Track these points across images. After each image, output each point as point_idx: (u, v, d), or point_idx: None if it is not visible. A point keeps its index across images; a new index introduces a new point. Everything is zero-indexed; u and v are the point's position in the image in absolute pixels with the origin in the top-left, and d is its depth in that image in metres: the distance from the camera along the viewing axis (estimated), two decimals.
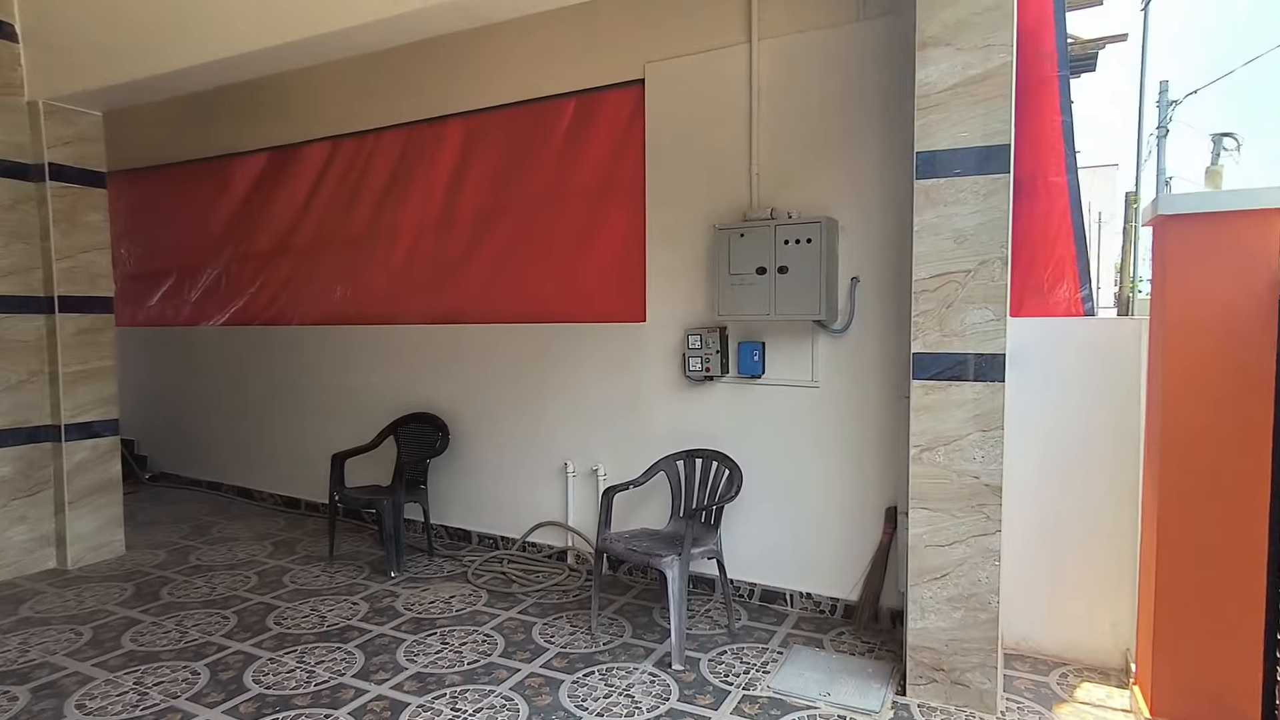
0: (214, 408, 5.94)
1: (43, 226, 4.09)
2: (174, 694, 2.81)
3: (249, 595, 3.82)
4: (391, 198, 4.78)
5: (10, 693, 2.83)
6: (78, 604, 3.72)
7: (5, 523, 4.03)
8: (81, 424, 4.23)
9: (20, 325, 4.04)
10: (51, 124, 4.05)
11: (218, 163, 5.70)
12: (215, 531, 4.98)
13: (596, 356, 4.08)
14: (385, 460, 4.66)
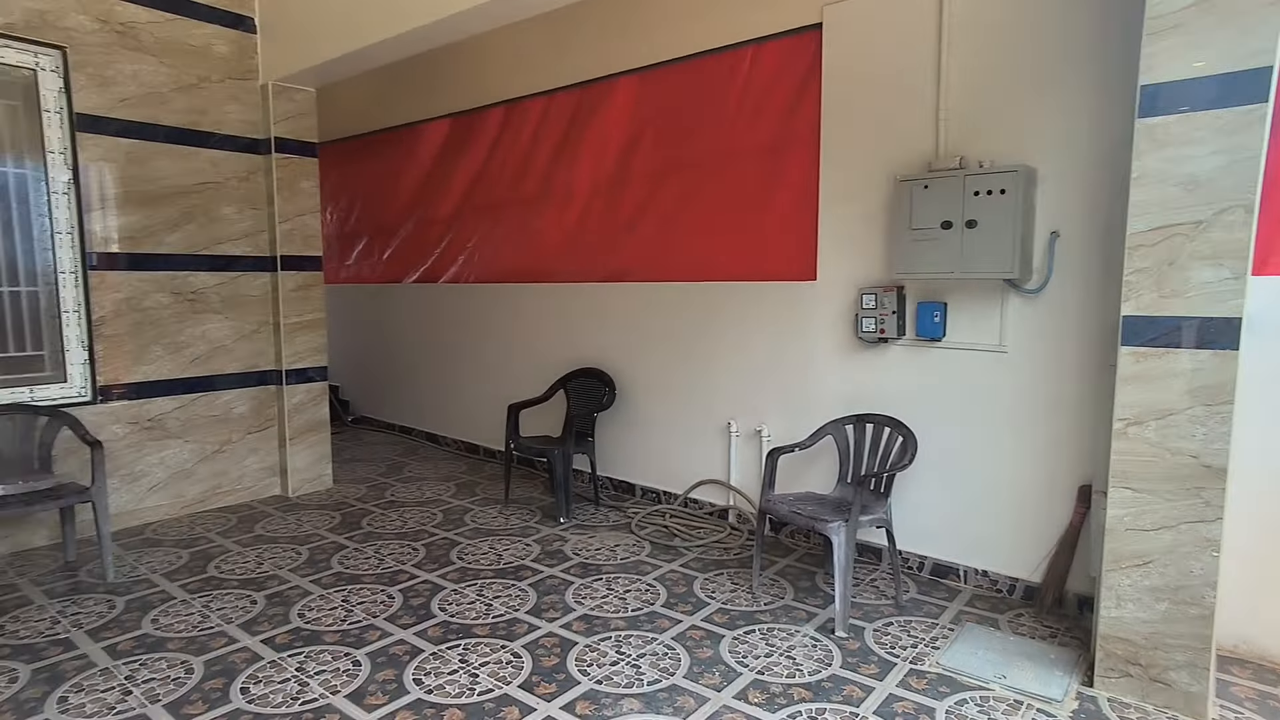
0: (405, 358, 6.49)
1: (269, 194, 4.60)
2: (374, 613, 3.13)
3: (435, 530, 4.17)
4: (564, 158, 4.91)
5: (251, 598, 3.29)
6: (297, 527, 4.24)
7: (243, 453, 4.65)
8: (298, 370, 4.77)
9: (253, 282, 4.60)
10: (277, 102, 4.52)
11: (405, 131, 6.14)
12: (406, 471, 5.47)
13: (764, 316, 4.01)
14: (556, 412, 4.89)
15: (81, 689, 2.55)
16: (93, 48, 3.90)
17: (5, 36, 3.64)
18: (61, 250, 3.88)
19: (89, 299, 3.98)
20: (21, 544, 3.86)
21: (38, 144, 3.79)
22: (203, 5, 4.26)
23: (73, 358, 3.96)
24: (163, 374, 4.28)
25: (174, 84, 4.19)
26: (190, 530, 4.17)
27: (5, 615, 3.12)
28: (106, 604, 3.22)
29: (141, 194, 4.12)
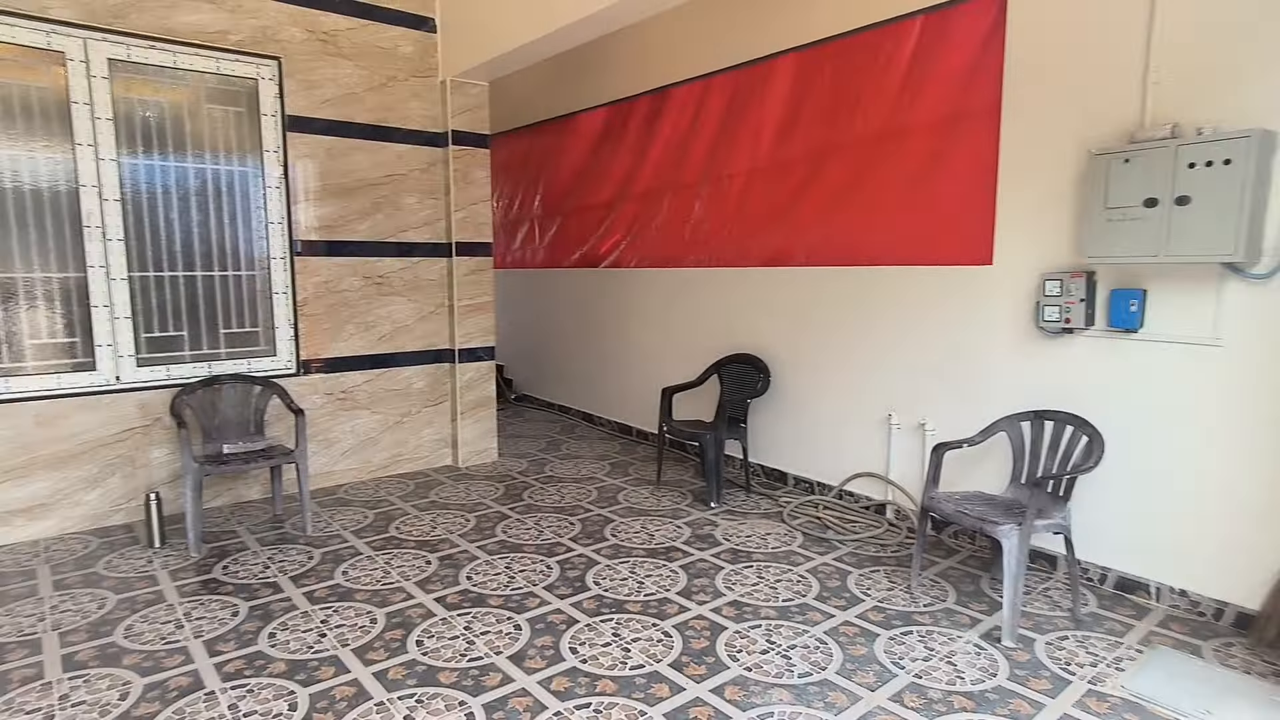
0: (563, 340, 6.75)
1: (446, 184, 4.93)
2: (533, 581, 3.30)
3: (590, 507, 4.32)
4: (722, 142, 4.88)
5: (426, 558, 3.58)
6: (466, 495, 4.55)
7: (420, 425, 5.05)
8: (469, 349, 5.09)
9: (431, 266, 4.96)
10: (454, 97, 4.81)
11: (565, 120, 6.34)
12: (564, 449, 5.70)
13: (931, 302, 3.79)
14: (709, 397, 4.90)
15: (286, 628, 2.88)
16: (301, 56, 4.33)
17: (236, 52, 4.12)
18: (273, 238, 4.37)
19: (295, 282, 4.45)
20: (240, 496, 4.42)
21: (257, 144, 4.28)
22: (391, 10, 4.60)
23: (281, 334, 4.46)
24: (354, 350, 4.72)
25: (366, 84, 4.57)
26: (375, 493, 4.59)
27: (229, 557, 3.58)
28: (306, 554, 3.62)
29: (338, 186, 4.55)
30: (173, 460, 4.13)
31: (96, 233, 3.83)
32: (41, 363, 3.78)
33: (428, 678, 2.52)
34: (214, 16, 4.04)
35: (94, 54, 3.75)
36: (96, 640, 2.79)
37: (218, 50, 4.08)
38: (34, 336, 3.75)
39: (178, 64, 3.99)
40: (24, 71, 3.63)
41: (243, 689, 2.46)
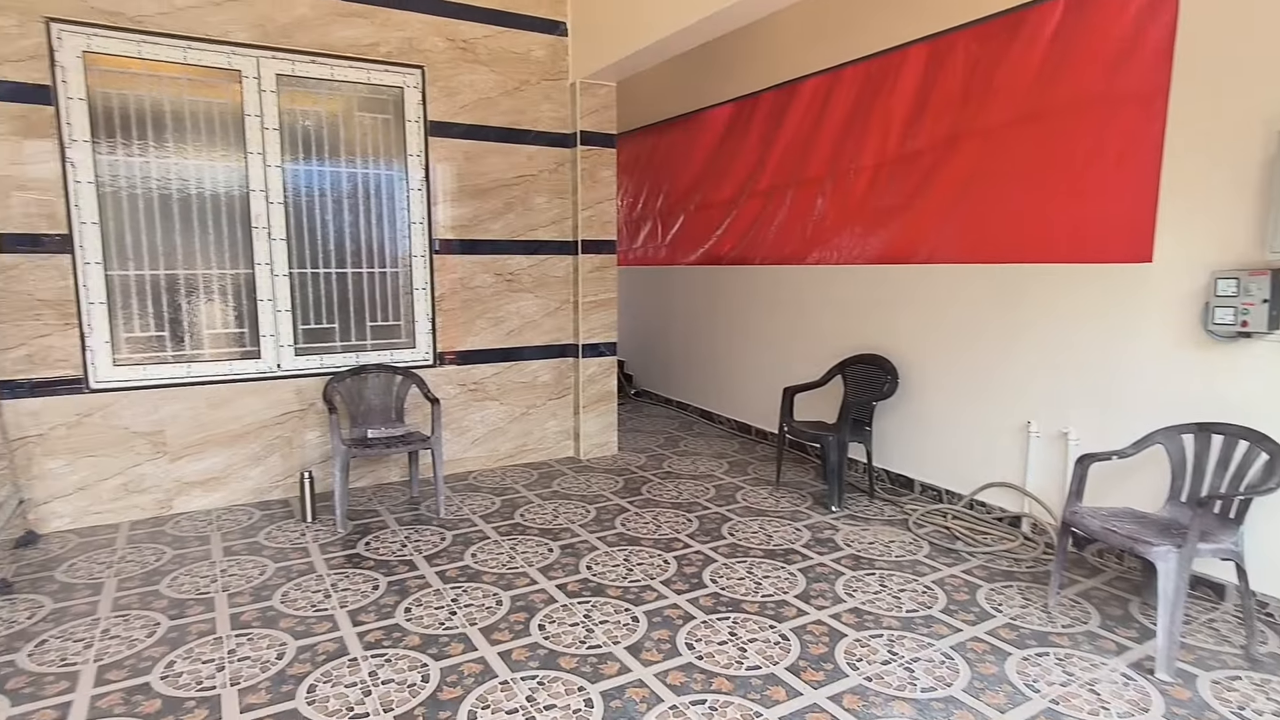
0: (683, 337, 6.78)
1: (573, 183, 5.07)
2: (651, 575, 3.35)
3: (708, 505, 4.32)
4: (849, 136, 4.74)
5: (548, 546, 3.70)
6: (586, 487, 4.66)
7: (544, 417, 5.23)
8: (591, 345, 5.21)
9: (558, 264, 5.11)
10: (583, 98, 4.94)
11: (689, 118, 6.34)
12: (682, 445, 5.73)
13: (1078, 302, 3.53)
14: (831, 398, 4.78)
15: (420, 604, 3.07)
16: (442, 64, 4.58)
17: (385, 63, 4.41)
18: (415, 237, 4.65)
19: (433, 279, 4.72)
20: (380, 478, 4.73)
21: (402, 149, 4.56)
22: (525, 16, 4.78)
23: (420, 328, 4.73)
24: (485, 344, 4.94)
25: (501, 89, 4.77)
26: (501, 480, 4.79)
27: (370, 535, 3.85)
28: (439, 536, 3.83)
29: (474, 188, 4.77)
30: (323, 443, 4.49)
31: (263, 233, 4.21)
32: (216, 350, 4.20)
33: (549, 661, 2.62)
34: (366, 30, 4.34)
35: (265, 70, 4.12)
36: (258, 603, 3.07)
37: (369, 62, 4.38)
38: (210, 327, 4.18)
39: (334, 76, 4.32)
40: (208, 90, 4.04)
41: (381, 658, 2.64)
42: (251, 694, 2.42)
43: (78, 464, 3.88)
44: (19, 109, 3.58)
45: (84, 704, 2.37)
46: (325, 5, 4.21)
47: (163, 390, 4.04)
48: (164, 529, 3.92)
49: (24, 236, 3.65)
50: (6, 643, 2.76)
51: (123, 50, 3.79)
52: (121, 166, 3.87)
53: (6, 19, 3.52)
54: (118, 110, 3.84)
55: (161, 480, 4.09)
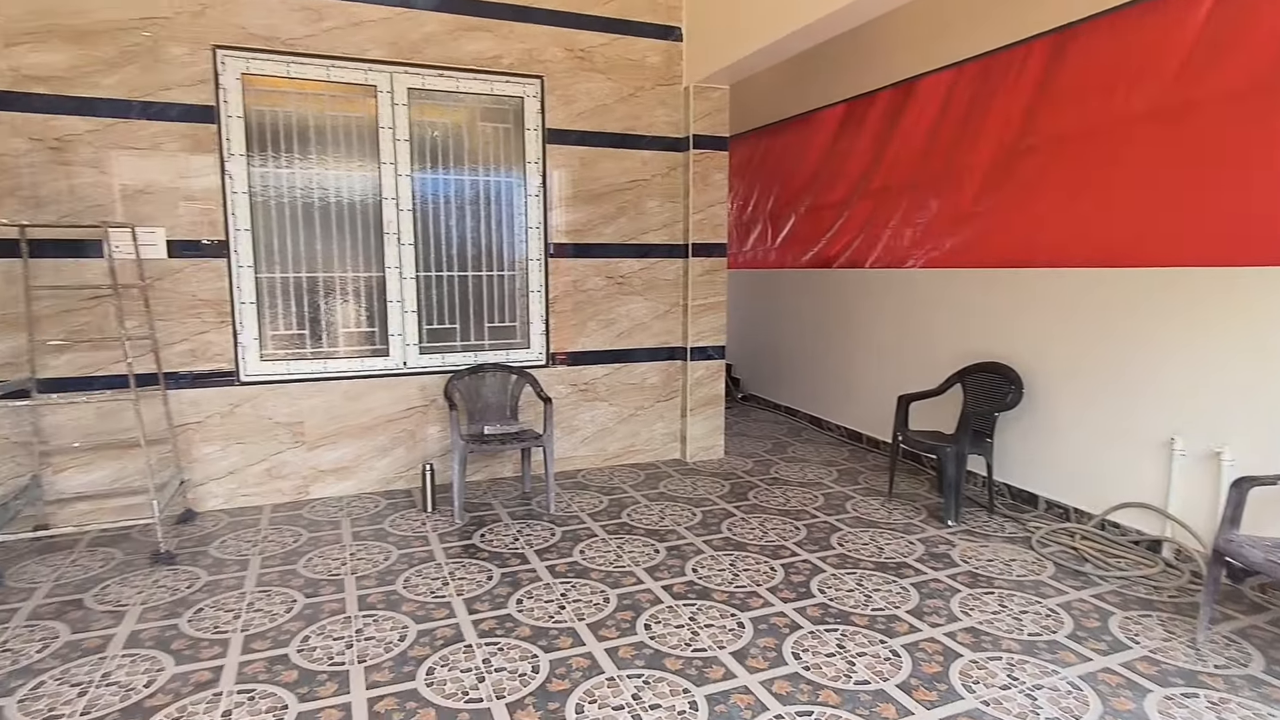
0: (792, 341, 6.68)
1: (685, 187, 5.10)
2: (757, 581, 3.32)
3: (816, 513, 4.24)
4: (967, 133, 4.53)
5: (655, 547, 3.75)
6: (692, 490, 4.68)
7: (652, 418, 5.28)
8: (700, 348, 5.22)
9: (668, 267, 5.16)
10: (697, 102, 4.96)
11: (800, 120, 6.23)
12: (790, 451, 5.65)
13: (1235, 308, 3.23)
14: (949, 407, 4.58)
15: (531, 596, 3.18)
16: (561, 73, 4.72)
17: (506, 74, 4.60)
18: (531, 242, 4.81)
19: (548, 281, 4.86)
20: (495, 473, 4.92)
21: (520, 157, 4.74)
22: (641, 23, 4.85)
23: (534, 329, 4.89)
24: (596, 345, 5.05)
25: (616, 95, 4.86)
26: (609, 480, 4.88)
27: (485, 527, 4.02)
28: (549, 531, 3.95)
29: (588, 193, 4.89)
30: (443, 437, 4.71)
31: (393, 238, 4.48)
32: (350, 348, 4.50)
33: (654, 661, 2.65)
34: (490, 43, 4.53)
35: (398, 85, 4.38)
36: (383, 587, 3.27)
37: (491, 73, 4.58)
38: (344, 326, 4.48)
39: (459, 88, 4.53)
40: (347, 104, 4.34)
41: (494, 646, 2.76)
42: (376, 672, 2.58)
43: (229, 450, 4.26)
44: (188, 128, 3.97)
45: (233, 669, 2.60)
46: (452, 21, 4.43)
47: (303, 384, 4.36)
48: (301, 513, 4.23)
49: (189, 243, 4.04)
50: (170, 608, 3.07)
51: (275, 71, 4.13)
52: (270, 177, 4.22)
53: (180, 48, 3.91)
54: (269, 126, 4.18)
55: (300, 467, 4.42)
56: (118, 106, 3.84)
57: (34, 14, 3.67)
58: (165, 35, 3.88)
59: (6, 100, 3.67)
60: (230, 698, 2.43)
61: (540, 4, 4.60)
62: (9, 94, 3.67)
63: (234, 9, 3.99)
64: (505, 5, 4.53)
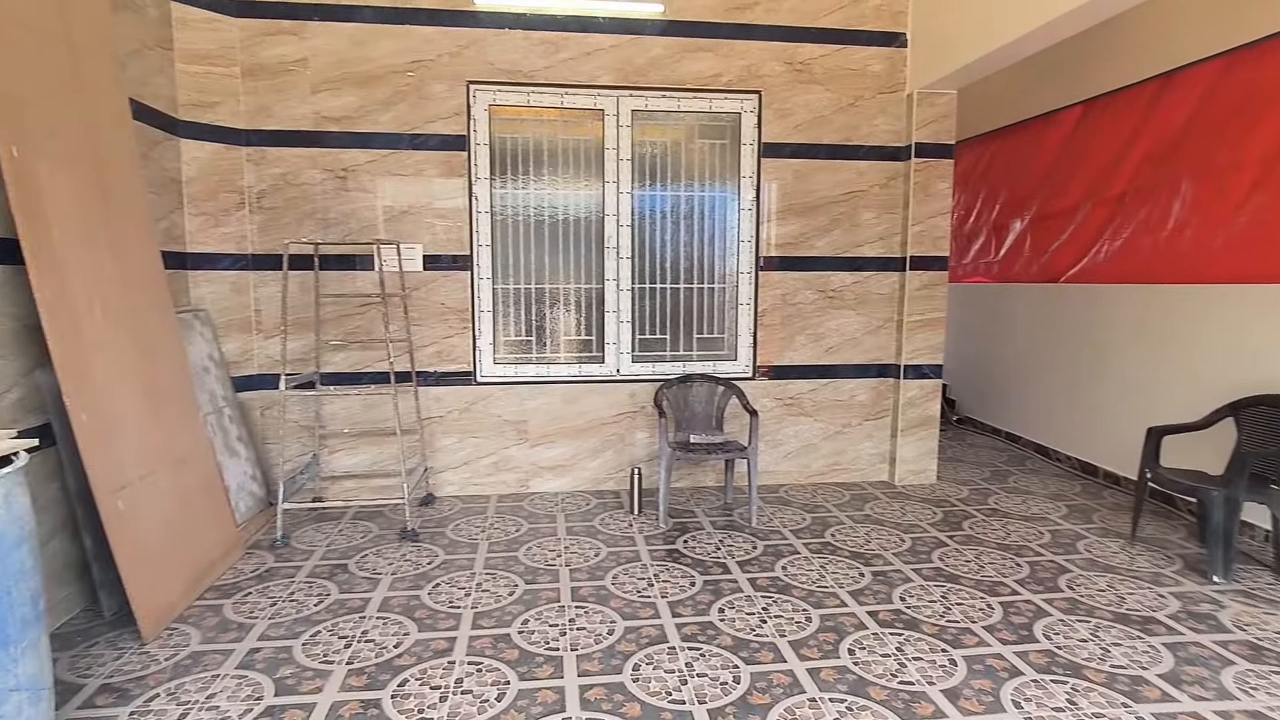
0: (1016, 361, 6.13)
1: (905, 198, 4.89)
2: (971, 618, 3.10)
3: (1041, 551, 3.87)
4: (1228, 131, 3.90)
5: (860, 570, 3.63)
6: (901, 515, 4.46)
7: (859, 437, 5.12)
8: (915, 366, 4.97)
9: (881, 281, 4.98)
10: (920, 109, 4.75)
11: (1029, 124, 5.72)
12: (1011, 481, 5.20)
13: None
14: (1214, 444, 3.98)
15: (733, 606, 3.21)
16: (779, 87, 4.73)
17: (725, 91, 4.70)
18: (743, 255, 4.86)
19: (757, 294, 4.89)
20: (697, 481, 5.03)
21: (735, 171, 4.81)
22: (863, 31, 4.73)
23: (742, 341, 4.94)
24: (803, 360, 4.99)
25: (834, 106, 4.79)
26: (811, 498, 4.79)
27: (688, 533, 4.12)
28: (750, 544, 3.97)
29: (801, 206, 4.85)
30: (650, 443, 4.90)
31: (613, 252, 4.74)
32: (569, 355, 4.82)
33: (858, 688, 2.57)
34: (711, 63, 4.66)
35: (623, 107, 4.64)
36: (593, 581, 3.47)
37: (711, 91, 4.70)
38: (565, 334, 4.81)
39: (680, 107, 4.70)
40: (577, 128, 4.67)
41: (696, 651, 2.82)
42: (586, 661, 2.75)
43: (464, 443, 4.74)
44: (444, 156, 4.49)
45: (464, 642, 2.90)
46: (676, 44, 4.61)
47: (528, 386, 4.75)
48: (522, 504, 4.60)
49: (441, 257, 4.56)
50: (414, 580, 3.48)
51: (516, 100, 4.55)
52: (508, 197, 4.65)
53: (441, 85, 4.44)
54: (508, 150, 4.62)
55: (522, 463, 4.81)
56: (390, 139, 4.44)
57: (334, 65, 4.34)
58: (430, 75, 4.43)
59: (310, 138, 4.38)
60: (462, 667, 2.71)
61: (761, 21, 4.65)
62: (311, 133, 4.37)
63: (486, 48, 4.45)
64: (728, 25, 4.63)
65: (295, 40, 4.30)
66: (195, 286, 4.24)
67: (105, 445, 2.81)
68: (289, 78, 4.32)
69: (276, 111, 4.34)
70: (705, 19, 4.61)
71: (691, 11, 4.60)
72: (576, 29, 4.52)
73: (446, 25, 4.40)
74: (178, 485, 3.26)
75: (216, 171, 4.24)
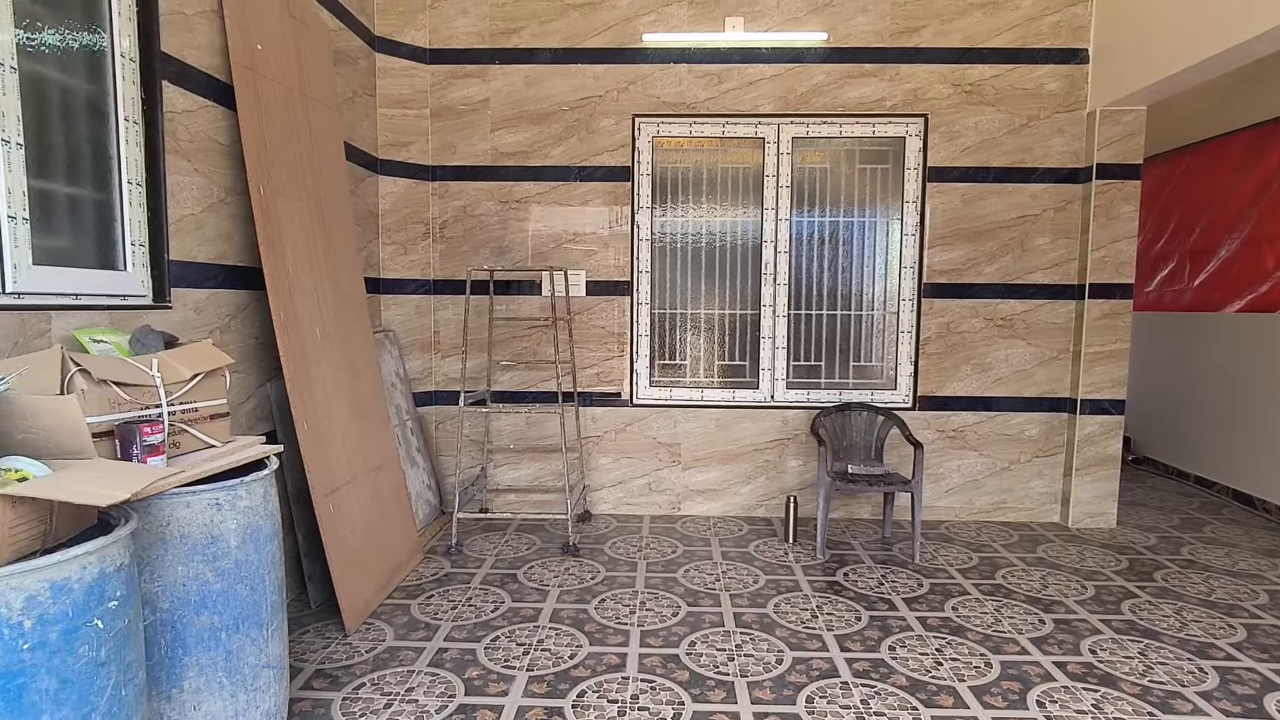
0: (1215, 398, 5.57)
1: (1083, 222, 4.61)
2: (1181, 682, 2.84)
3: (1259, 613, 3.49)
4: None
5: (1039, 617, 3.41)
6: (1079, 560, 4.16)
7: (1028, 475, 4.82)
8: (1093, 400, 4.64)
9: (1057, 309, 4.70)
10: (1103, 128, 4.48)
11: (1237, 136, 5.21)
12: (1208, 531, 4.72)
13: None
14: None
15: (904, 645, 3.10)
16: (946, 110, 4.61)
17: (889, 115, 4.63)
18: (904, 282, 4.74)
19: (919, 322, 4.74)
20: (851, 513, 4.90)
21: (897, 196, 4.71)
22: (1040, 49, 4.53)
23: (902, 370, 4.80)
24: (967, 391, 4.78)
25: (1005, 128, 4.60)
26: (976, 536, 4.55)
27: (846, 566, 4.03)
28: (916, 581, 3.82)
29: (969, 231, 4.68)
30: (802, 470, 4.84)
31: (769, 278, 4.76)
32: (723, 379, 4.86)
33: None
34: (875, 88, 4.61)
35: (783, 135, 4.67)
36: (754, 608, 3.46)
37: (874, 116, 4.64)
38: (720, 359, 4.86)
39: (841, 133, 4.68)
40: (736, 156, 4.74)
41: (871, 689, 2.75)
42: (758, 689, 2.74)
43: (619, 463, 4.86)
44: (609, 186, 4.69)
45: (634, 659, 2.97)
46: (839, 70, 4.60)
47: (682, 410, 4.82)
48: (674, 526, 4.66)
49: (604, 283, 4.75)
50: (579, 594, 3.60)
51: (679, 131, 4.69)
52: (667, 225, 4.77)
53: (608, 120, 4.65)
54: (669, 179, 4.75)
55: (674, 485, 4.87)
56: (560, 172, 4.69)
57: (512, 104, 4.65)
58: (599, 110, 4.65)
59: (488, 173, 4.70)
60: (635, 684, 2.77)
61: (929, 43, 4.56)
62: (490, 168, 4.69)
63: (652, 82, 4.63)
64: (893, 49, 4.57)
65: (479, 83, 4.64)
66: (386, 309, 4.63)
67: (322, 452, 3.12)
68: (471, 117, 4.67)
69: (460, 148, 4.69)
70: (870, 44, 4.57)
71: (856, 38, 4.57)
72: (739, 60, 4.61)
73: (615, 63, 4.61)
74: (374, 491, 3.55)
75: (407, 205, 4.62)
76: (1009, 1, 4.50)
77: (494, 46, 4.62)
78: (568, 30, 4.60)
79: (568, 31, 4.60)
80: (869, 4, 4.55)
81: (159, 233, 2.60)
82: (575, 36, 4.60)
